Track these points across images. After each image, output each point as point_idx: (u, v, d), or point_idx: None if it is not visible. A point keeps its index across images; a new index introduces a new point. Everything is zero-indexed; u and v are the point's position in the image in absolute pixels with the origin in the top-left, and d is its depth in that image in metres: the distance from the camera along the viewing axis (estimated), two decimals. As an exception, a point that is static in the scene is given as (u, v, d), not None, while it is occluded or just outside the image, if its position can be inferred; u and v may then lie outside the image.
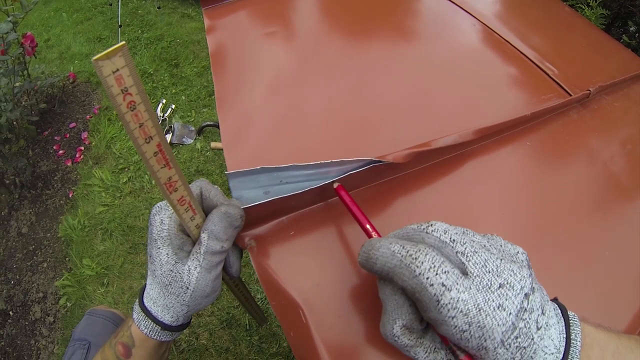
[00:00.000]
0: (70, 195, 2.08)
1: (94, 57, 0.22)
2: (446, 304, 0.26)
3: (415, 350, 0.30)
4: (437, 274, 0.26)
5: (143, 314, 0.41)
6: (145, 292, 0.42)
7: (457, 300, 0.26)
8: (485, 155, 0.54)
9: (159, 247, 0.38)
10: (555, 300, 0.33)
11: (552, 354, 0.28)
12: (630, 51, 0.90)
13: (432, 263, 0.27)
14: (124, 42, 0.23)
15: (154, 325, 0.41)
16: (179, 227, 0.39)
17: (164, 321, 0.41)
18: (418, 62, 0.68)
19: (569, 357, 0.28)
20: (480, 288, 0.26)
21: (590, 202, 0.53)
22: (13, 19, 1.86)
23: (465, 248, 0.28)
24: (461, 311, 0.26)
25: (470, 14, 0.81)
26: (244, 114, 0.57)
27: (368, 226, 0.36)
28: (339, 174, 0.42)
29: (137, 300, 0.43)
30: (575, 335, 0.29)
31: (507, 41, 0.75)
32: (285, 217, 0.43)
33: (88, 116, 2.54)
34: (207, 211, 0.39)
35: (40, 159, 2.27)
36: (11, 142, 1.92)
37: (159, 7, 3.52)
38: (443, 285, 0.26)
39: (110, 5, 3.78)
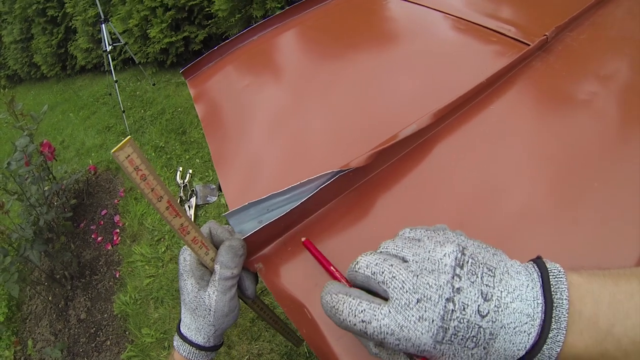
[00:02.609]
0: (117, 275, 2.23)
1: (112, 150, 0.33)
2: (372, 333, 0.30)
3: (397, 359, 0.34)
4: (355, 315, 0.31)
5: (181, 340, 0.50)
6: (181, 321, 0.51)
7: (380, 327, 0.30)
8: (452, 134, 0.55)
9: (185, 280, 0.47)
10: (537, 259, 0.33)
11: (525, 323, 0.29)
12: None
13: (350, 308, 0.32)
14: (129, 136, 0.34)
15: (191, 347, 0.49)
16: (198, 261, 0.48)
17: (198, 342, 0.49)
18: (393, 65, 0.70)
19: (553, 319, 0.28)
20: (400, 309, 0.30)
21: (579, 145, 0.50)
22: (28, 132, 2.02)
23: (384, 277, 0.32)
24: (387, 333, 0.30)
25: (421, 5, 0.82)
26: (243, 168, 0.62)
27: (332, 268, 0.42)
28: (312, 190, 0.48)
29: (176, 330, 0.52)
30: (561, 294, 0.29)
31: (460, 18, 0.75)
32: (282, 237, 0.50)
33: (116, 200, 2.72)
34: (217, 246, 0.48)
35: (82, 249, 2.45)
36: (53, 241, 2.10)
37: (153, 84, 3.76)
38: (363, 321, 0.31)
39: (110, 94, 4.07)
